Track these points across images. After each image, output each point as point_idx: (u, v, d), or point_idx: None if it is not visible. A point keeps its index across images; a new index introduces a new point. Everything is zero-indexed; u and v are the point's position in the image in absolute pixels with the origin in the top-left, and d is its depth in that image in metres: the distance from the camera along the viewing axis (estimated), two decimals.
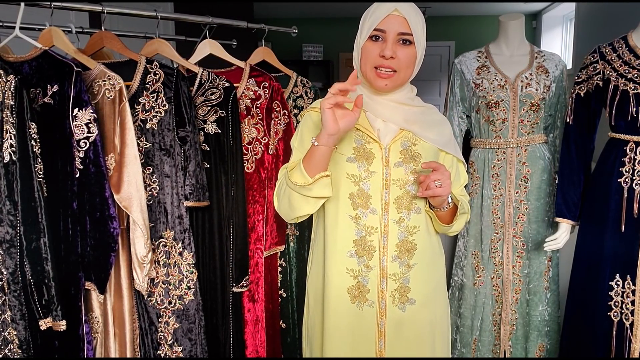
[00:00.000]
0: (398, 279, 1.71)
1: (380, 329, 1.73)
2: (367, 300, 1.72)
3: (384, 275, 1.70)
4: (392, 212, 1.70)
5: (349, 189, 1.70)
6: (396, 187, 1.70)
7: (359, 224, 1.71)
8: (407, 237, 1.71)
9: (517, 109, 2.63)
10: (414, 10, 1.65)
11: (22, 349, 1.83)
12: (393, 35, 1.62)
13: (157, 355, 2.09)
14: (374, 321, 1.73)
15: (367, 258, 1.70)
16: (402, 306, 1.72)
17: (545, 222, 2.71)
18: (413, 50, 1.65)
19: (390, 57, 1.62)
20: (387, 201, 1.69)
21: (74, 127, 1.80)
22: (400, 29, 1.62)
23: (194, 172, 2.06)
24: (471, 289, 2.81)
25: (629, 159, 2.28)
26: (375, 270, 1.70)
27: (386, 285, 1.71)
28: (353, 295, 1.72)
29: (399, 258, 1.71)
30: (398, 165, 1.70)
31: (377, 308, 1.72)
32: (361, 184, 1.70)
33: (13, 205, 1.72)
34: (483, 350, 2.83)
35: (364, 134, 1.71)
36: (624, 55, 2.32)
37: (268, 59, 2.64)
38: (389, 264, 1.70)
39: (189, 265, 2.07)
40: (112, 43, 2.12)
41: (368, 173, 1.69)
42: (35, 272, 1.75)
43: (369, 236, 1.70)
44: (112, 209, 1.85)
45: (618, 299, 2.33)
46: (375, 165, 1.70)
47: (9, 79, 1.70)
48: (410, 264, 1.72)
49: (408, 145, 1.72)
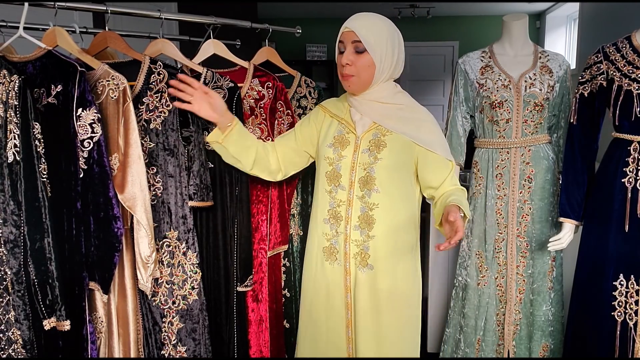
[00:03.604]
0: (359, 245, 2.06)
1: (347, 284, 2.10)
2: (337, 260, 2.11)
3: (347, 240, 2.07)
4: (356, 189, 2.06)
5: (326, 168, 2.11)
6: (361, 169, 2.06)
7: (332, 197, 2.10)
8: (367, 211, 2.05)
9: (521, 109, 2.63)
10: (366, 23, 1.97)
11: (26, 349, 1.84)
12: (349, 46, 1.98)
13: (161, 355, 2.10)
14: (342, 277, 2.11)
15: (336, 225, 2.09)
16: (362, 269, 2.07)
17: (549, 222, 2.71)
18: (368, 57, 1.97)
19: (346, 64, 1.99)
20: (353, 180, 2.06)
21: (77, 127, 1.80)
22: (351, 39, 1.97)
23: (197, 172, 2.07)
24: (475, 289, 2.81)
25: (632, 159, 2.28)
26: (342, 236, 2.08)
27: (349, 249, 2.08)
28: (327, 254, 2.13)
29: (360, 227, 2.06)
30: (365, 151, 2.06)
31: (344, 267, 2.10)
32: (334, 165, 2.09)
33: (17, 205, 1.72)
34: (487, 350, 2.83)
35: (345, 126, 2.12)
36: (628, 55, 2.31)
37: (272, 59, 2.64)
38: (352, 232, 2.07)
39: (193, 265, 2.08)
40: (116, 43, 2.12)
41: (340, 157, 2.09)
42: (39, 272, 1.75)
43: (338, 207, 2.09)
44: (116, 209, 1.85)
45: (622, 298, 2.32)
46: (347, 151, 2.08)
47: (13, 79, 1.70)
48: (369, 234, 2.05)
49: (378, 136, 2.06)
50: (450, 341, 2.99)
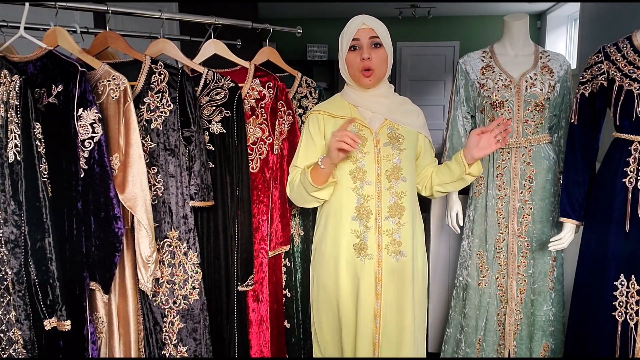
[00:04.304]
0: (391, 234, 2.16)
1: (377, 275, 2.17)
2: (368, 254, 2.16)
3: (380, 232, 2.16)
4: (383, 182, 2.16)
5: (348, 167, 2.15)
6: (386, 162, 2.16)
7: (358, 193, 2.16)
8: (396, 200, 2.17)
9: (522, 109, 2.63)
10: (376, 21, 2.13)
11: (27, 349, 1.84)
12: (366, 42, 2.11)
13: (161, 355, 2.10)
14: (373, 270, 2.17)
15: (366, 220, 2.16)
16: (395, 257, 2.17)
17: (550, 222, 2.71)
18: (383, 51, 2.14)
19: (367, 58, 2.10)
20: (380, 174, 2.16)
21: (78, 127, 1.80)
22: (370, 35, 2.11)
23: (198, 172, 2.07)
24: (476, 289, 2.81)
25: (633, 159, 2.27)
26: (373, 229, 2.16)
27: (382, 241, 2.16)
28: (357, 251, 2.17)
29: (390, 217, 2.16)
30: (386, 145, 2.17)
31: (375, 259, 2.16)
32: (358, 163, 2.15)
33: (18, 205, 1.73)
34: (487, 350, 2.82)
35: (357, 124, 2.17)
36: (629, 55, 2.31)
37: (272, 59, 2.65)
38: (383, 223, 2.16)
39: (194, 265, 2.08)
40: (117, 43, 2.13)
41: (363, 153, 2.15)
42: (39, 272, 1.76)
43: (366, 202, 2.15)
44: (117, 209, 1.85)
45: (622, 299, 2.32)
46: (368, 147, 2.16)
47: (14, 79, 1.70)
48: (400, 222, 2.17)
49: (392, 129, 2.18)
50: (451, 341, 2.98)
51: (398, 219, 2.16)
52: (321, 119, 2.21)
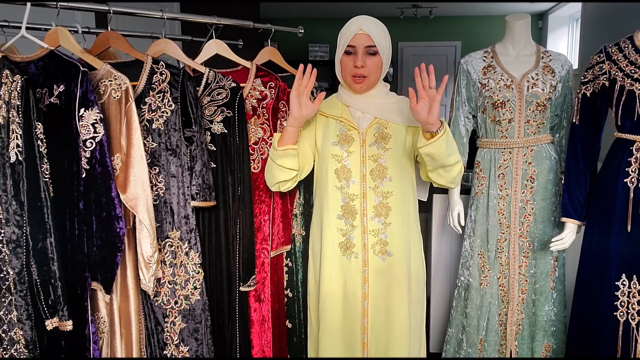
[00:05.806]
0: (377, 234, 2.17)
1: (364, 275, 2.18)
2: (354, 253, 2.18)
3: (365, 232, 2.17)
4: (368, 181, 2.16)
5: (334, 165, 2.18)
6: (371, 162, 2.17)
7: (344, 192, 2.17)
8: (382, 200, 2.16)
9: (523, 109, 2.62)
10: (375, 26, 2.10)
11: (29, 349, 1.84)
12: (361, 49, 2.09)
13: (163, 355, 2.10)
14: (359, 269, 2.18)
15: (351, 219, 2.17)
16: (382, 257, 2.18)
17: (552, 222, 2.71)
18: (379, 58, 2.12)
19: (361, 66, 2.08)
20: (364, 173, 2.17)
21: (80, 127, 1.81)
22: (366, 43, 2.08)
23: (200, 172, 2.07)
24: (477, 289, 2.81)
25: (635, 159, 2.27)
26: (359, 228, 2.17)
27: (367, 240, 2.17)
28: (343, 249, 2.19)
29: (376, 217, 2.16)
30: (372, 144, 2.17)
31: (361, 258, 2.18)
32: (343, 162, 2.17)
33: (19, 205, 1.73)
34: (489, 350, 2.82)
35: (346, 124, 2.19)
36: (630, 55, 2.31)
37: (274, 59, 2.65)
38: (369, 222, 2.17)
39: (195, 265, 2.08)
40: (119, 43, 2.13)
41: (348, 153, 2.17)
42: (41, 272, 1.76)
43: (351, 201, 2.17)
44: (119, 209, 1.85)
45: (624, 298, 2.32)
46: (354, 146, 2.17)
47: (15, 79, 1.70)
48: (386, 222, 2.17)
49: (380, 129, 2.18)
50: (452, 341, 2.98)
51: (384, 219, 2.16)
52: (313, 117, 2.21)
